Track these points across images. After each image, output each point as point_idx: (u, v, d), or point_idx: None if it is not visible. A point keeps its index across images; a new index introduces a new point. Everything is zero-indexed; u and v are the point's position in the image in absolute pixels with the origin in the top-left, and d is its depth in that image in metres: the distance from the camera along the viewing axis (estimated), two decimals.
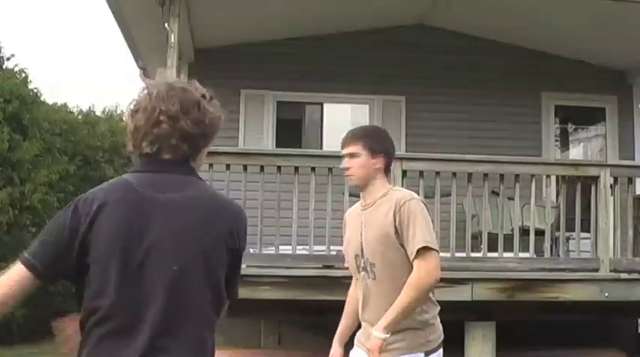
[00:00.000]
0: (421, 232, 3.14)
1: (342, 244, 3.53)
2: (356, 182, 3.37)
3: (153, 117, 2.00)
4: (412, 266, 3.14)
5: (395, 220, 3.16)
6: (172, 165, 2.03)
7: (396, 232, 3.16)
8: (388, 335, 3.06)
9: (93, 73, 35.92)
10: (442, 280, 5.50)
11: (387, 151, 3.37)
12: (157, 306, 1.89)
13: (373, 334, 3.07)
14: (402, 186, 6.25)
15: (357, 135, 3.39)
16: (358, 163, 3.31)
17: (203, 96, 2.08)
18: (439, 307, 3.34)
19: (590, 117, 10.12)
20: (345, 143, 3.38)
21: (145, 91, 2.07)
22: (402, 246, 3.16)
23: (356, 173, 3.33)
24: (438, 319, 3.32)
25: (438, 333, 3.29)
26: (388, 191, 3.30)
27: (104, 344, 1.90)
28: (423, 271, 3.09)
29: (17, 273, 1.95)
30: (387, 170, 3.39)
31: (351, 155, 3.33)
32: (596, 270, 6.41)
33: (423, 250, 3.10)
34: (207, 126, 2.07)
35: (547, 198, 6.92)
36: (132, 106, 2.06)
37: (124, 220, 1.94)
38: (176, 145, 2.01)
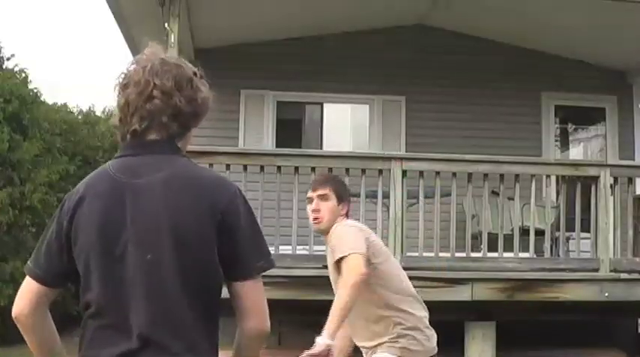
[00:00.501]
0: (341, 247, 3.31)
1: None
2: (323, 226, 3.55)
3: (146, 91, 1.91)
4: (374, 284, 3.32)
5: (332, 251, 3.41)
6: (156, 145, 1.94)
7: (335, 260, 3.35)
8: (332, 342, 3.10)
9: (93, 73, 35.89)
10: (442, 280, 5.54)
11: (349, 199, 3.63)
12: (142, 298, 1.83)
13: (317, 339, 3.11)
14: (402, 186, 6.28)
15: (327, 180, 3.72)
16: (328, 206, 3.51)
17: (194, 73, 2.01)
18: (416, 316, 3.38)
19: (590, 117, 10.12)
20: (315, 186, 3.61)
21: (136, 65, 1.98)
22: None
23: (325, 216, 3.50)
24: (421, 333, 3.35)
25: (421, 346, 3.32)
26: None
27: (99, 337, 1.87)
28: (345, 272, 3.22)
29: (27, 284, 1.97)
30: (346, 216, 3.60)
31: (322, 197, 3.53)
32: (596, 270, 6.41)
33: (343, 258, 3.27)
34: (199, 105, 1.98)
35: (547, 198, 6.92)
36: (121, 80, 1.97)
37: (100, 211, 1.87)
38: (166, 124, 1.93)
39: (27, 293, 1.96)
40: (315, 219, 3.54)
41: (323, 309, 3.61)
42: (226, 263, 1.91)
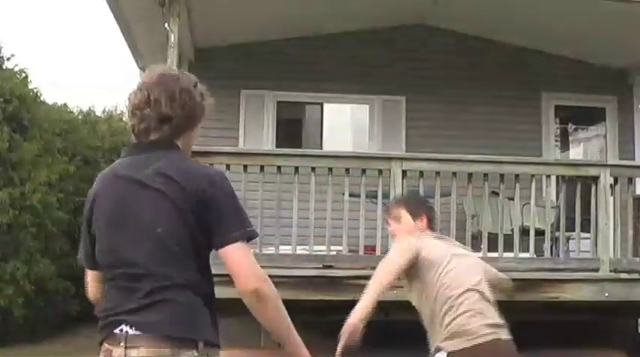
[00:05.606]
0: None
1: (341, 244, 3.58)
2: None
3: (140, 103, 2.29)
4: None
5: None
6: (153, 145, 2.28)
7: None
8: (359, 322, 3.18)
9: (93, 73, 35.89)
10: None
11: (427, 213, 3.78)
12: None
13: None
14: (402, 186, 6.28)
15: (400, 201, 4.08)
16: (401, 227, 3.71)
17: (194, 84, 2.33)
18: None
19: (590, 117, 10.12)
20: (390, 210, 3.88)
21: (138, 85, 2.35)
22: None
23: (399, 236, 3.69)
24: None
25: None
26: None
27: None
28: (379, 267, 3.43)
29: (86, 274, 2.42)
30: (429, 228, 3.74)
31: (396, 219, 3.73)
32: (596, 270, 6.41)
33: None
34: (191, 110, 2.30)
35: (547, 198, 6.92)
36: (129, 96, 2.35)
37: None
38: (157, 127, 2.27)
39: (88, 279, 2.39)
40: (394, 236, 3.76)
41: (323, 309, 3.61)
42: (210, 233, 2.19)
